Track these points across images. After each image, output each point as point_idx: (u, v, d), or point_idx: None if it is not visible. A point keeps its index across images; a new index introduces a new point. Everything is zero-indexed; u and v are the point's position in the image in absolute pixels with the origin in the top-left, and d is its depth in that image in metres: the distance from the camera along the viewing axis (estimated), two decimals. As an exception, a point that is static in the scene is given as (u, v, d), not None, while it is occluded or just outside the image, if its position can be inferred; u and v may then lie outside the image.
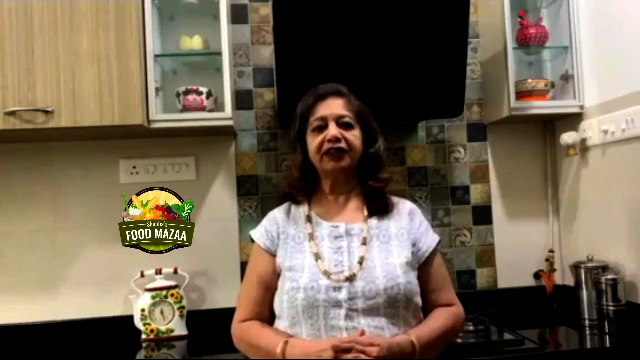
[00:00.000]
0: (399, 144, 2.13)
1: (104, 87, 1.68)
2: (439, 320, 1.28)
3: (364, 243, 1.28)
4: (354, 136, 1.32)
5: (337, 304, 1.20)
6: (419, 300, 1.28)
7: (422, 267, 1.32)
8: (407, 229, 1.32)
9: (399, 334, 1.21)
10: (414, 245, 1.31)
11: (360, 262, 1.24)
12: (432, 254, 1.34)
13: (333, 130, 1.29)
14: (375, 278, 1.22)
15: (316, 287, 1.21)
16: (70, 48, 1.67)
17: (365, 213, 1.33)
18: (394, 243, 1.29)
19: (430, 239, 1.35)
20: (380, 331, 1.19)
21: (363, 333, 1.17)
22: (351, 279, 1.21)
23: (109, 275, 1.97)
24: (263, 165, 2.08)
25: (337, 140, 1.28)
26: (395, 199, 1.38)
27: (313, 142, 1.32)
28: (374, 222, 1.32)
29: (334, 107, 1.32)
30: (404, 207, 1.38)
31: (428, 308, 1.32)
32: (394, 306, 1.21)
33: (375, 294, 1.20)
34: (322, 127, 1.31)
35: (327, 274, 1.23)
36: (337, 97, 1.34)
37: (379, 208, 1.34)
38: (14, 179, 1.96)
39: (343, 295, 1.20)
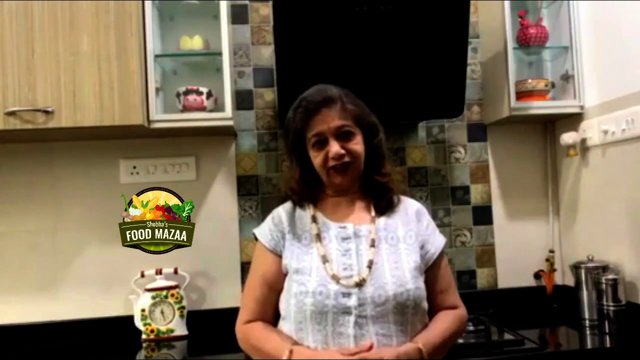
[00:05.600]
0: (399, 144, 2.13)
1: (104, 87, 1.68)
2: (444, 324, 1.27)
3: (373, 245, 1.25)
4: (356, 144, 1.27)
5: (347, 311, 1.18)
6: (425, 304, 1.27)
7: (430, 269, 1.31)
8: (415, 230, 1.31)
9: (406, 341, 1.20)
10: (421, 247, 1.29)
11: (369, 266, 1.22)
12: (439, 256, 1.33)
13: (334, 147, 1.24)
14: (385, 283, 1.20)
15: (325, 292, 1.19)
16: (70, 48, 1.67)
17: (373, 213, 1.32)
18: (402, 246, 1.27)
19: (437, 241, 1.34)
20: (388, 339, 1.18)
21: (371, 346, 1.15)
22: (360, 284, 1.19)
23: (109, 275, 1.97)
24: (263, 165, 2.08)
25: (340, 156, 1.25)
26: (402, 197, 1.37)
27: (315, 158, 1.28)
28: (381, 222, 1.30)
29: (329, 119, 1.25)
30: (411, 206, 1.36)
31: (433, 309, 1.30)
32: (402, 312, 1.20)
33: (384, 300, 1.18)
34: (322, 141, 1.26)
35: (335, 278, 1.20)
36: (329, 106, 1.27)
37: (386, 205, 1.32)
38: (14, 179, 1.96)
39: (352, 301, 1.18)
